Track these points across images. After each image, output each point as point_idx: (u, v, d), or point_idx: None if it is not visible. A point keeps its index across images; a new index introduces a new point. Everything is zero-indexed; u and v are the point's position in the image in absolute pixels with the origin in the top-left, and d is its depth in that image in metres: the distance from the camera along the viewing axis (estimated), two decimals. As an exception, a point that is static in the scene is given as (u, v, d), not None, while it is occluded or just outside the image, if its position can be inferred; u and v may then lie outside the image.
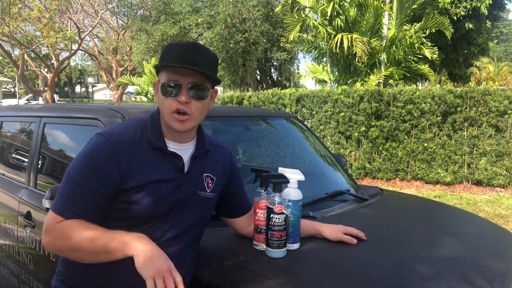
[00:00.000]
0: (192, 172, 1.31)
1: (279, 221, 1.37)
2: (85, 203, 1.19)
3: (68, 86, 48.09)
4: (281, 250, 1.39)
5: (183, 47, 1.22)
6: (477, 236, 1.93)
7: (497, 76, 28.29)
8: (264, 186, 1.43)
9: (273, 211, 1.37)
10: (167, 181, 1.25)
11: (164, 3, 16.22)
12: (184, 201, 1.29)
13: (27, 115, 2.75)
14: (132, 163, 1.22)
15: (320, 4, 9.78)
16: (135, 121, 1.31)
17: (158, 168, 1.25)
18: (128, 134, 1.25)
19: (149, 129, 1.28)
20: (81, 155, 1.24)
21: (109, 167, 1.20)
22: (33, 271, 2.19)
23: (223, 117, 2.41)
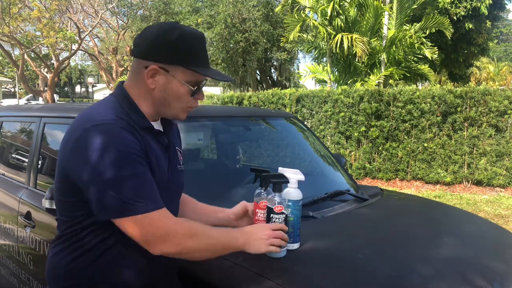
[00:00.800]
0: (171, 148, 1.31)
1: (279, 221, 1.37)
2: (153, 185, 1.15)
3: (68, 86, 48.10)
4: (283, 250, 1.39)
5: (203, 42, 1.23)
6: (477, 236, 1.93)
7: (497, 76, 28.29)
8: (264, 186, 1.43)
9: (273, 211, 1.38)
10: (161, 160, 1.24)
11: (164, 3, 16.23)
12: (172, 178, 1.29)
13: (27, 115, 2.75)
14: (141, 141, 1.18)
15: (320, 4, 9.78)
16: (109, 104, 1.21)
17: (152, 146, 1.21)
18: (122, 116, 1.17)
19: (129, 110, 1.20)
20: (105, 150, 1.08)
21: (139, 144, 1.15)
22: (33, 271, 2.19)
23: (223, 117, 2.40)
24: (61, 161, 1.19)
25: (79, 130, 1.13)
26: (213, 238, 1.20)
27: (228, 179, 2.38)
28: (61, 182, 1.20)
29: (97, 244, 1.19)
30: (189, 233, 1.16)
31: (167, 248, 1.13)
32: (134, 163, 1.10)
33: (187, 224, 1.19)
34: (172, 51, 1.18)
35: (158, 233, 1.11)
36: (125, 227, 1.11)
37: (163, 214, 1.13)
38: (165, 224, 1.12)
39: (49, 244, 1.33)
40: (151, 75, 1.20)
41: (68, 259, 1.22)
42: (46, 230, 2.07)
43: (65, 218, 1.23)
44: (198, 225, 1.21)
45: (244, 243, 1.27)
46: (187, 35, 1.19)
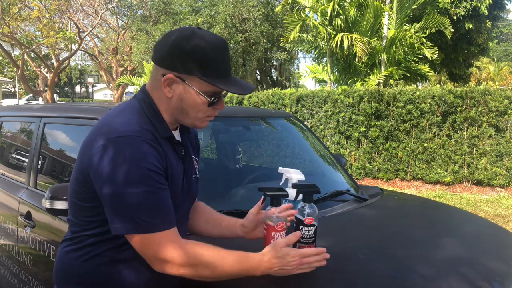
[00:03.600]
0: (187, 158, 1.30)
1: (309, 233, 1.29)
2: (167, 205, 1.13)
3: (68, 86, 48.08)
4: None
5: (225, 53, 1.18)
6: (477, 236, 1.93)
7: (497, 76, 28.28)
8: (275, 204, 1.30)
9: (303, 223, 1.29)
10: (179, 170, 1.23)
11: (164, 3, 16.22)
12: (187, 187, 1.28)
13: (27, 115, 2.75)
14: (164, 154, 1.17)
15: (320, 4, 9.78)
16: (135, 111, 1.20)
17: (172, 158, 1.21)
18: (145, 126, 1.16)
19: (153, 118, 1.19)
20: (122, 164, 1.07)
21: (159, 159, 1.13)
22: (33, 271, 2.19)
23: (223, 117, 2.40)
24: (81, 166, 1.17)
25: (103, 139, 1.11)
26: (219, 269, 1.13)
27: (228, 179, 2.38)
28: (78, 186, 1.19)
29: (108, 251, 1.19)
30: (191, 262, 1.12)
31: (166, 270, 1.12)
32: (152, 181, 1.09)
33: (191, 252, 1.12)
34: (187, 61, 1.14)
35: (158, 256, 1.11)
36: (132, 242, 1.12)
37: (169, 237, 1.11)
38: (165, 249, 1.10)
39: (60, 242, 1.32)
40: (168, 84, 1.18)
41: (80, 260, 1.22)
42: (46, 230, 2.07)
43: (78, 221, 1.23)
44: (205, 254, 1.13)
45: (264, 272, 1.18)
46: (204, 44, 1.14)
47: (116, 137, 1.10)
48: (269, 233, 1.27)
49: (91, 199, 1.15)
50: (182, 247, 1.12)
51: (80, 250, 1.22)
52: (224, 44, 1.19)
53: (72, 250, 1.24)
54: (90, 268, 1.21)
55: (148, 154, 1.10)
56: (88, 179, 1.14)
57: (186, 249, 1.12)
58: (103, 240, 1.19)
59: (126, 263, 1.20)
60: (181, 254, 1.11)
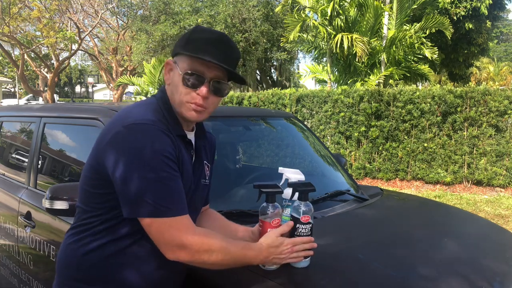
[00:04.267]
0: (197, 160, 1.30)
1: (305, 231, 1.30)
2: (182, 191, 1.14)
3: (68, 86, 48.10)
4: (307, 260, 1.34)
5: (215, 38, 1.17)
6: (477, 236, 1.93)
7: (497, 76, 28.28)
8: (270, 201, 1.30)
9: (299, 221, 1.29)
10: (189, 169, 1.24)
11: (164, 3, 16.22)
12: (194, 190, 1.28)
13: (27, 115, 2.75)
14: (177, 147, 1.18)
15: (320, 4, 9.78)
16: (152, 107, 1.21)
17: (184, 156, 1.21)
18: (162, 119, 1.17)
19: (168, 115, 1.20)
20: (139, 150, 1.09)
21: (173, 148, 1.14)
22: (33, 271, 2.19)
23: (223, 117, 2.40)
24: (96, 153, 1.19)
25: (118, 126, 1.13)
26: (229, 255, 1.17)
27: (228, 179, 2.38)
28: (91, 172, 1.20)
29: (112, 241, 1.19)
30: (206, 247, 1.14)
31: (181, 256, 1.13)
32: (167, 167, 1.10)
33: (206, 238, 1.15)
34: (179, 42, 1.21)
35: (175, 241, 1.11)
36: (147, 227, 1.13)
37: (185, 223, 1.13)
38: (184, 234, 1.12)
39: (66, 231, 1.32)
40: (168, 71, 1.23)
41: (82, 251, 1.22)
42: (46, 230, 2.07)
43: (86, 208, 1.24)
44: (217, 240, 1.17)
45: (262, 261, 1.25)
46: (200, 28, 1.20)
47: (131, 124, 1.12)
48: (265, 229, 1.28)
49: (103, 185, 1.17)
50: (198, 233, 1.14)
51: (83, 240, 1.23)
52: (220, 36, 1.19)
53: (75, 241, 1.25)
54: (91, 260, 1.21)
55: (164, 141, 1.12)
56: (103, 165, 1.15)
57: (202, 235, 1.14)
58: (107, 228, 1.19)
59: (127, 256, 1.20)
60: (197, 240, 1.13)
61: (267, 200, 1.30)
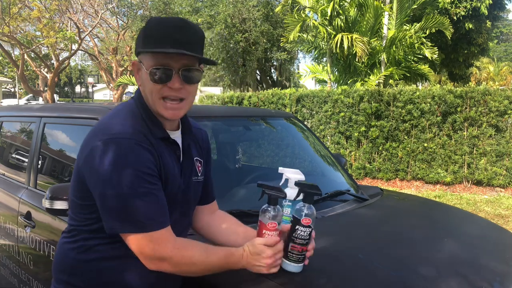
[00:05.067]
0: (186, 159, 1.28)
1: (304, 234, 1.26)
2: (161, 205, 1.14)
3: (68, 86, 48.10)
4: (299, 265, 1.30)
5: (171, 26, 1.11)
6: (477, 236, 1.93)
7: (497, 76, 28.29)
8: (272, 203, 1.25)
9: (300, 222, 1.25)
10: (174, 171, 1.22)
11: (164, 3, 16.22)
12: (184, 189, 1.26)
13: (27, 115, 2.75)
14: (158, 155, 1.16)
15: (320, 4, 9.78)
16: (129, 114, 1.19)
17: (167, 158, 1.20)
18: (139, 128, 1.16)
19: (147, 119, 1.18)
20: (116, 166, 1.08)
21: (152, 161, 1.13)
22: (33, 271, 2.19)
23: (223, 117, 2.40)
24: (77, 166, 1.20)
25: (95, 140, 1.12)
26: (210, 265, 1.20)
27: (228, 179, 2.38)
28: (76, 183, 1.21)
29: (102, 249, 1.20)
30: (186, 260, 1.16)
31: (163, 268, 1.15)
32: (145, 182, 1.10)
33: (186, 250, 1.16)
34: (138, 41, 1.17)
35: (155, 255, 1.12)
36: (127, 241, 1.13)
37: (165, 236, 1.13)
38: (163, 248, 1.12)
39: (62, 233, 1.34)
40: (136, 72, 1.20)
41: (75, 253, 1.24)
42: (46, 230, 2.07)
43: (75, 217, 1.25)
44: (197, 251, 1.18)
45: (244, 267, 1.24)
46: (154, 19, 1.14)
47: (109, 139, 1.10)
48: (261, 229, 1.26)
49: (88, 197, 1.17)
50: (178, 246, 1.15)
51: (76, 243, 1.24)
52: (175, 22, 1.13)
53: (68, 243, 1.26)
54: (83, 261, 1.22)
55: (141, 156, 1.11)
56: (84, 179, 1.15)
57: (181, 249, 1.15)
58: (97, 237, 1.20)
59: (119, 260, 1.20)
60: (177, 253, 1.14)
61: (269, 202, 1.26)
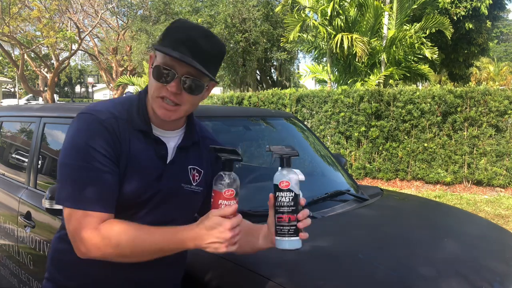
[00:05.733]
0: (175, 163, 1.21)
1: (286, 200, 1.10)
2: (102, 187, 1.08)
3: (68, 86, 48.11)
4: (294, 239, 1.11)
5: (192, 33, 1.11)
6: (477, 236, 1.93)
7: (497, 76, 28.30)
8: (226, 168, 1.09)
9: (278, 188, 1.12)
10: (149, 168, 1.17)
11: (164, 3, 16.22)
12: (166, 193, 1.19)
13: (27, 115, 2.75)
14: (122, 142, 1.13)
15: (320, 4, 9.78)
16: (122, 100, 1.22)
17: (141, 153, 1.16)
18: (115, 112, 1.16)
19: (134, 109, 1.18)
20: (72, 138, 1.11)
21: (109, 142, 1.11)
22: (33, 271, 2.19)
23: (223, 117, 2.40)
24: None
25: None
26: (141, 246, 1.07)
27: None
28: None
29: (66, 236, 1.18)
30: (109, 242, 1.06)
31: (86, 251, 1.07)
32: (92, 159, 1.08)
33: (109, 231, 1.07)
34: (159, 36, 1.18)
35: (78, 235, 1.07)
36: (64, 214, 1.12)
37: (93, 219, 1.06)
38: (86, 229, 1.06)
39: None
40: (151, 64, 1.19)
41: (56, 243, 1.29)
42: (46, 230, 2.07)
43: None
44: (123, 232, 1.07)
45: (197, 246, 1.07)
46: (181, 21, 1.16)
47: (79, 113, 1.15)
48: (216, 200, 1.07)
49: None
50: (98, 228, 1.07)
51: (58, 233, 1.29)
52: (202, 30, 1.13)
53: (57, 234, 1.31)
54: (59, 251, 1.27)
55: (98, 133, 1.11)
56: None
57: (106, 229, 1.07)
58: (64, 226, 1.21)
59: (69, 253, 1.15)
60: (98, 234, 1.06)
61: (223, 167, 1.09)
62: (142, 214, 1.17)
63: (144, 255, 1.09)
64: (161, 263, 1.16)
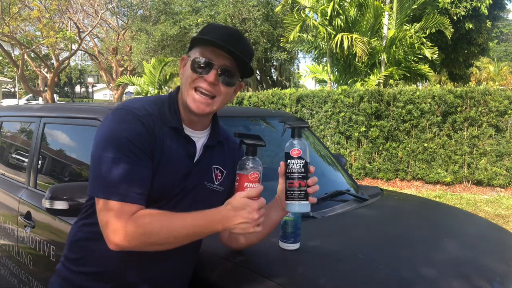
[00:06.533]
0: (201, 161, 1.26)
1: (297, 166, 1.19)
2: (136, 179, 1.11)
3: (68, 86, 48.10)
4: (303, 203, 1.19)
5: (228, 29, 1.19)
6: (477, 236, 1.93)
7: (497, 76, 28.29)
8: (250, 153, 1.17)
9: (289, 156, 1.21)
10: (179, 165, 1.21)
11: (164, 3, 16.22)
12: (189, 190, 1.23)
13: (27, 115, 2.75)
14: (157, 138, 1.16)
15: (320, 4, 9.78)
16: (153, 99, 1.25)
17: (173, 150, 1.20)
18: (149, 109, 1.19)
19: (166, 107, 1.22)
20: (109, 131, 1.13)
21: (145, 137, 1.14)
22: (33, 271, 2.19)
23: (223, 117, 2.40)
24: None
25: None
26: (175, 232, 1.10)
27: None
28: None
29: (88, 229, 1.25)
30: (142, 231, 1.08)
31: (117, 241, 1.08)
32: (128, 152, 1.11)
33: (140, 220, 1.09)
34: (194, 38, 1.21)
35: (112, 226, 1.08)
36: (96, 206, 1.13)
37: (125, 210, 1.08)
38: (119, 220, 1.08)
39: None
40: (182, 66, 1.24)
41: (74, 231, 1.30)
42: (46, 230, 2.07)
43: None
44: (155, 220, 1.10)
45: (225, 228, 1.10)
46: (214, 24, 1.22)
47: (115, 109, 1.18)
48: (241, 183, 1.13)
49: None
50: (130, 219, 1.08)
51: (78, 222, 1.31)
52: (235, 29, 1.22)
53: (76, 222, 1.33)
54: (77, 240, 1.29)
55: (134, 127, 1.13)
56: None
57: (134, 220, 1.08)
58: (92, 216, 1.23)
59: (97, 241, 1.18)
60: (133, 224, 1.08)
61: (247, 152, 1.17)
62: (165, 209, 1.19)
63: (178, 240, 1.12)
64: (175, 255, 1.21)
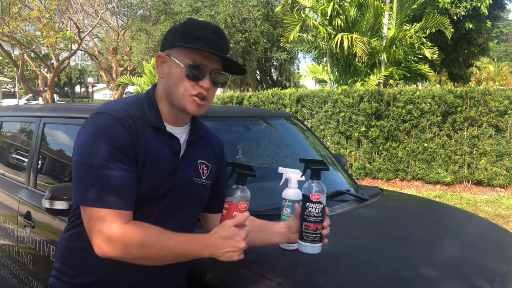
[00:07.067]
0: (187, 157, 1.26)
1: (316, 211, 1.20)
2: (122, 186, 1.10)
3: (68, 86, 48.10)
4: (317, 245, 1.22)
5: (210, 29, 1.18)
6: (477, 236, 1.93)
7: (497, 76, 28.30)
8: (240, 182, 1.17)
9: (309, 199, 1.21)
10: (165, 164, 1.20)
11: (164, 3, 16.22)
12: (179, 186, 1.22)
13: (27, 115, 2.75)
14: (139, 139, 1.15)
15: (320, 4, 9.78)
16: (132, 100, 1.24)
17: (157, 148, 1.19)
18: (129, 110, 1.18)
19: (146, 107, 1.21)
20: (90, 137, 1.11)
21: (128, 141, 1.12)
22: (33, 271, 2.19)
23: (223, 117, 2.40)
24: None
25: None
26: (166, 249, 1.09)
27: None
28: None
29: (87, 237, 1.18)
30: (134, 242, 1.07)
31: (108, 250, 1.08)
32: (112, 158, 1.09)
33: (134, 231, 1.08)
34: (173, 35, 1.21)
35: (101, 234, 1.07)
36: (82, 215, 1.13)
37: (115, 217, 1.08)
38: (106, 227, 1.07)
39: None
40: (160, 64, 1.23)
41: (66, 241, 1.28)
42: (46, 230, 2.07)
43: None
44: (150, 234, 1.09)
45: (212, 254, 1.10)
46: (193, 21, 1.21)
47: (94, 113, 1.17)
48: (231, 211, 1.13)
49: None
50: (124, 227, 1.08)
51: (69, 231, 1.29)
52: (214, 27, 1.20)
53: (65, 231, 1.32)
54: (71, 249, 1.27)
55: (116, 132, 1.12)
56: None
57: (128, 229, 1.08)
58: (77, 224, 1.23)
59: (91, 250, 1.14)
60: (121, 233, 1.07)
61: (237, 181, 1.17)
62: (157, 209, 1.20)
63: (166, 258, 1.11)
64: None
